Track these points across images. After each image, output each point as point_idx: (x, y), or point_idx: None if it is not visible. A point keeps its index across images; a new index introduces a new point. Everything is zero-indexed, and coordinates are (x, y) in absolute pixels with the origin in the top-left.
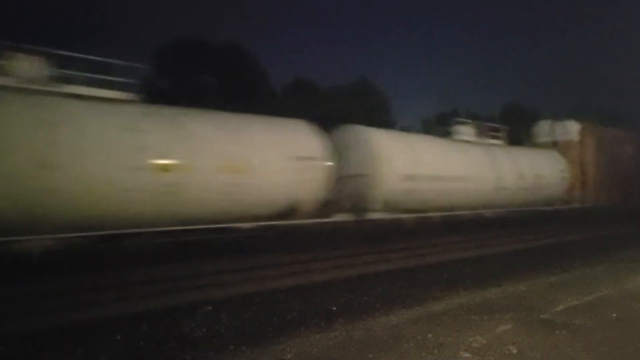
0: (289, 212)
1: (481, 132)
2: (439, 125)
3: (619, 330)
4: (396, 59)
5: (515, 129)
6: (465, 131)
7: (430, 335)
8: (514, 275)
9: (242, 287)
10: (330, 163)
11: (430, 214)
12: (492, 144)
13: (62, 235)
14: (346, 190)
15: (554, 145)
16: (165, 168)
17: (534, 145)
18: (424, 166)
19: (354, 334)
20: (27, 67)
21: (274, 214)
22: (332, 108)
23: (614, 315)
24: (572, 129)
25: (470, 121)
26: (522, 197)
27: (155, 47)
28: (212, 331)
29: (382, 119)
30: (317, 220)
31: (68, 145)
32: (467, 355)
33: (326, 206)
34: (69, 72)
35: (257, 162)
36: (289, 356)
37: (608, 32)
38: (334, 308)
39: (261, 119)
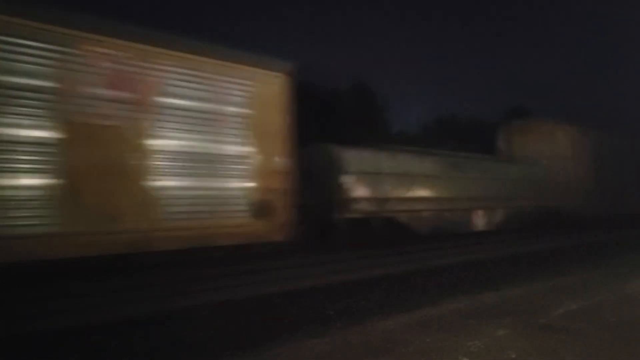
0: None
1: None
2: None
3: (619, 334)
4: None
5: None
6: None
7: (428, 340)
8: (512, 280)
9: (238, 291)
10: None
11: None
12: None
13: None
14: None
15: None
16: None
17: None
18: None
19: (351, 339)
20: None
21: None
22: None
23: (613, 319)
24: None
25: None
26: None
27: None
28: (208, 336)
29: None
30: None
31: None
32: (465, 359)
33: None
34: None
35: None
36: None
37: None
38: (331, 312)
39: None
